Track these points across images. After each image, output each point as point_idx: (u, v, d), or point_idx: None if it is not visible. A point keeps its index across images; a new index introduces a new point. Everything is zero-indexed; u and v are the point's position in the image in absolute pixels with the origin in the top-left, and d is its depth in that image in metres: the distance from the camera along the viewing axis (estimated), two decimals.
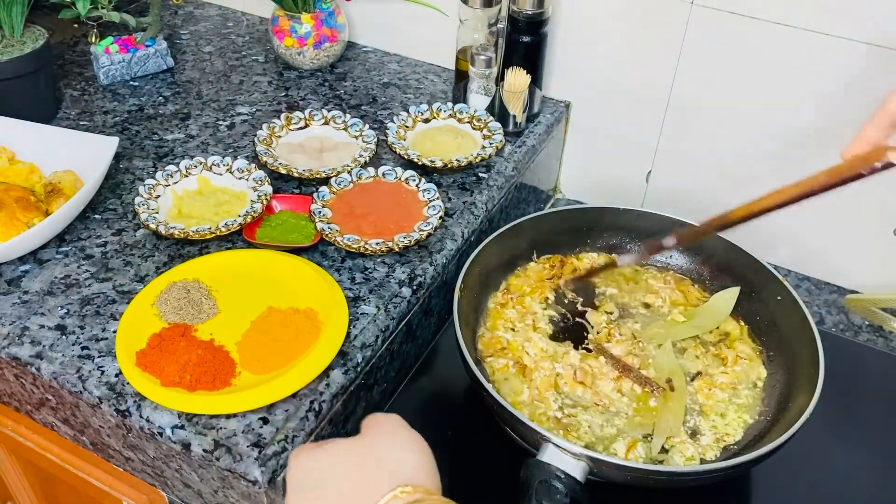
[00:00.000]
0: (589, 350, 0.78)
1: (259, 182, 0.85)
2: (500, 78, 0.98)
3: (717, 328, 0.81)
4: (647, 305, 0.84)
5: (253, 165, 0.87)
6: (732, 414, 0.73)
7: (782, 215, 0.96)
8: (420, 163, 0.89)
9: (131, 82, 1.08)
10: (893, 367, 0.86)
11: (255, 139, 0.92)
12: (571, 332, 0.81)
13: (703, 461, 0.69)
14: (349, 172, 0.87)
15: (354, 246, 0.77)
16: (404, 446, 0.51)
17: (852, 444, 0.76)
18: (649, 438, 0.70)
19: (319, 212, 0.81)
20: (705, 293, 0.85)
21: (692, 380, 0.76)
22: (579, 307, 0.84)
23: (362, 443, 0.50)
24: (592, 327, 0.81)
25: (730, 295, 0.82)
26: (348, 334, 0.71)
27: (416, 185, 0.86)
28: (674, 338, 0.79)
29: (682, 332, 0.80)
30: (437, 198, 0.84)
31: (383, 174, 0.87)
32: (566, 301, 0.84)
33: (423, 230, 0.79)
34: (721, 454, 0.70)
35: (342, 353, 0.70)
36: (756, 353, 0.78)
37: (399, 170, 0.87)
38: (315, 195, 0.83)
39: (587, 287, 0.86)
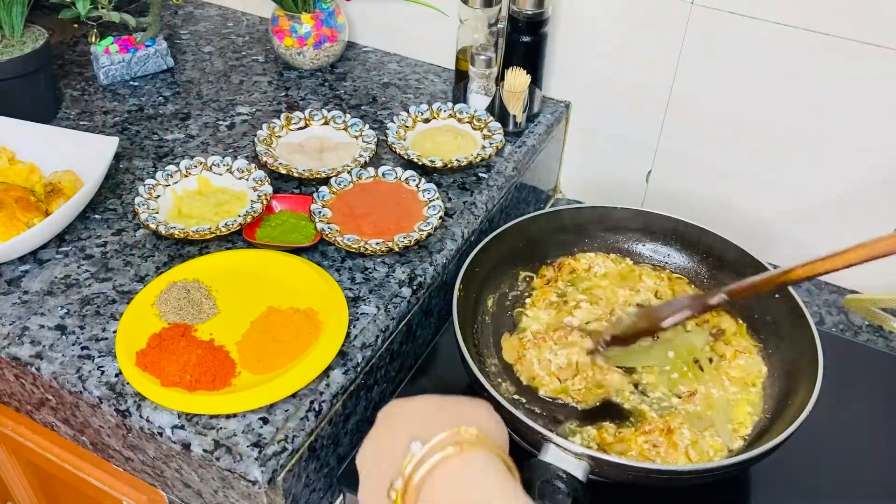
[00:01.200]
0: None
1: (259, 182, 0.85)
2: (500, 78, 0.98)
3: (709, 322, 0.81)
4: (639, 306, 0.84)
5: (253, 165, 0.87)
6: (746, 407, 0.73)
7: (782, 215, 0.97)
8: (420, 163, 0.89)
9: (131, 82, 1.08)
10: (893, 367, 0.86)
11: (255, 139, 0.92)
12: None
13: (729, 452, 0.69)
14: (349, 172, 0.87)
15: (354, 246, 0.77)
16: (479, 408, 0.51)
17: (852, 444, 0.76)
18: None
19: (319, 212, 0.81)
20: (701, 292, 0.85)
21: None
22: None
23: (445, 400, 0.51)
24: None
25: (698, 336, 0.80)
26: (348, 334, 0.71)
27: (416, 185, 0.86)
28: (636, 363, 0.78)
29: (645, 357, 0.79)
30: (437, 198, 0.84)
31: (383, 174, 0.87)
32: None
33: (422, 230, 0.79)
34: (738, 449, 0.70)
35: (342, 353, 0.70)
36: (755, 351, 0.78)
37: (399, 170, 0.87)
38: (315, 195, 0.83)
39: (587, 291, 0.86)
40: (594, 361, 0.76)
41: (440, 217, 0.81)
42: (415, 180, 0.86)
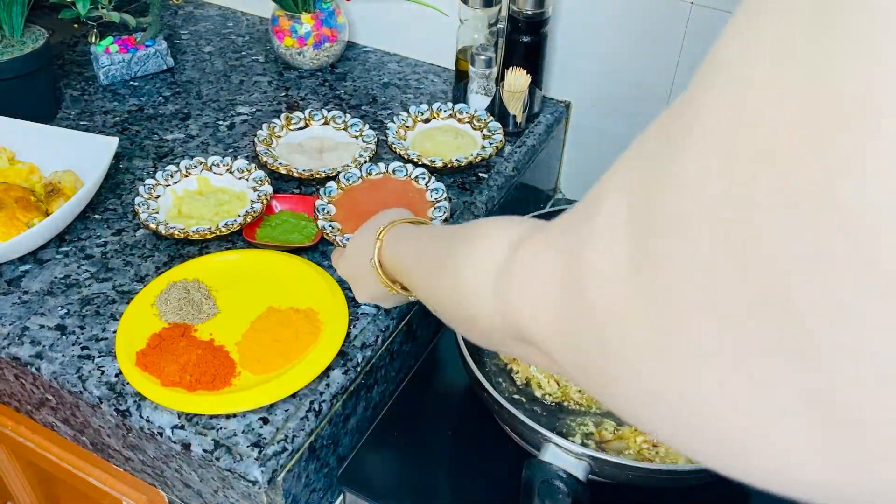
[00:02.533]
0: None
1: (259, 182, 0.85)
2: (500, 78, 0.98)
3: None
4: None
5: (253, 165, 0.87)
6: None
7: None
8: (420, 163, 0.89)
9: (131, 82, 1.08)
10: None
11: (255, 139, 0.92)
12: None
13: None
14: (359, 167, 0.87)
15: None
16: (382, 215, 0.66)
17: None
18: None
19: (324, 208, 0.81)
20: None
21: None
22: None
23: (358, 232, 0.68)
24: None
25: None
26: (348, 334, 0.71)
27: (425, 184, 0.85)
28: None
29: None
30: (445, 198, 0.83)
31: (393, 170, 0.87)
32: None
33: None
34: None
35: (342, 353, 0.70)
36: None
37: (409, 167, 0.87)
38: (322, 190, 0.83)
39: None
40: None
41: (444, 219, 0.81)
42: (424, 178, 0.86)
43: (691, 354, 0.24)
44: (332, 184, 0.84)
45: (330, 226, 0.79)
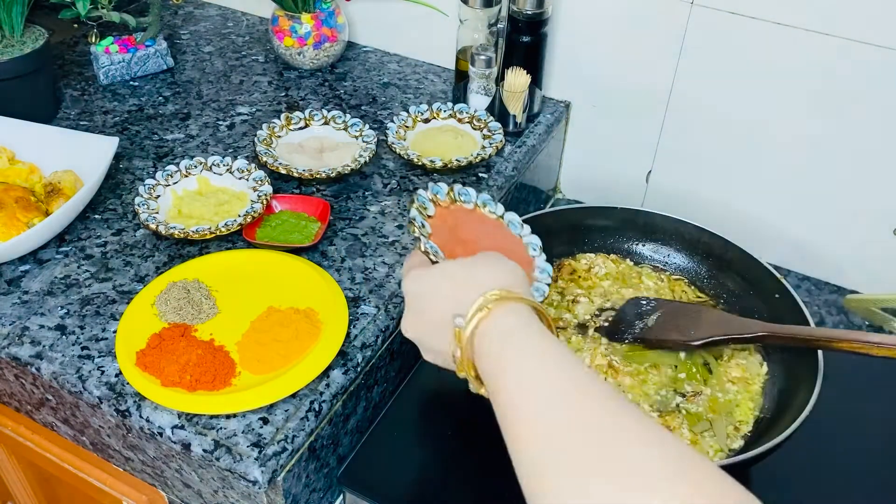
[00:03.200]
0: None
1: (259, 182, 0.85)
2: (500, 78, 0.98)
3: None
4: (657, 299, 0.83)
5: (253, 165, 0.87)
6: (748, 403, 0.73)
7: (783, 215, 0.97)
8: (420, 163, 0.89)
9: (131, 82, 1.08)
10: (893, 367, 0.86)
11: (255, 139, 0.92)
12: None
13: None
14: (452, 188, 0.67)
15: None
16: (496, 265, 0.54)
17: (851, 444, 0.76)
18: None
19: (422, 224, 0.63)
20: (701, 293, 0.85)
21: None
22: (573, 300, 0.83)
23: (458, 265, 0.55)
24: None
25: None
26: (348, 334, 0.71)
27: (519, 234, 0.68)
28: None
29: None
30: (543, 256, 0.67)
31: (483, 203, 0.68)
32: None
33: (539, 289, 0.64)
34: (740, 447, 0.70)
35: (342, 353, 0.70)
36: (755, 350, 0.78)
37: (500, 206, 0.68)
38: (418, 199, 0.65)
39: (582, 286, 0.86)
40: (611, 363, 0.76)
41: (548, 284, 0.65)
42: (515, 227, 0.68)
43: None
44: (426, 198, 0.65)
45: (433, 249, 0.61)
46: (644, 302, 0.81)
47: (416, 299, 0.57)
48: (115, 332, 0.71)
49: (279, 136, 0.94)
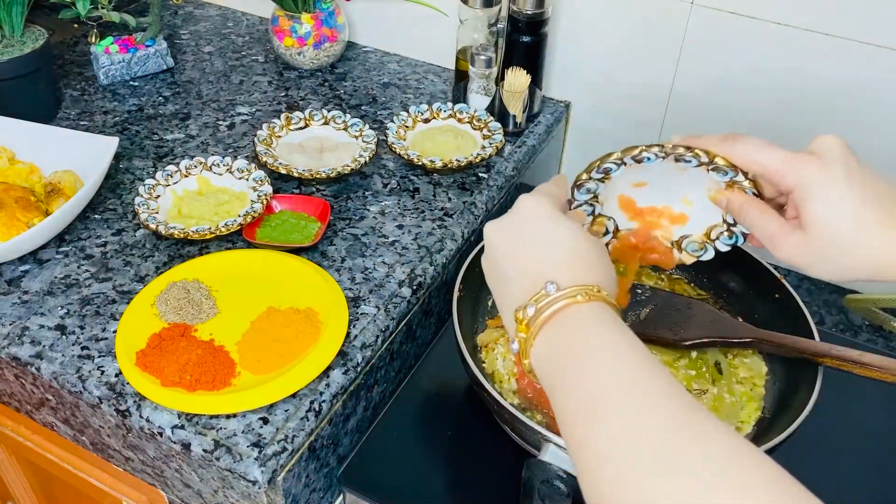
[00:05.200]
0: None
1: (259, 182, 0.85)
2: (500, 78, 0.98)
3: None
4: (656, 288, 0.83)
5: (253, 165, 0.87)
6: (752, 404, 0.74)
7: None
8: (420, 163, 0.89)
9: (131, 82, 1.08)
10: None
11: (255, 139, 0.92)
12: None
13: None
14: None
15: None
16: (596, 255, 0.51)
17: (851, 444, 0.76)
18: None
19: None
20: (701, 292, 0.85)
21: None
22: None
23: (568, 237, 0.51)
24: None
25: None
26: (348, 334, 0.71)
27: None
28: None
29: None
30: None
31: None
32: None
33: None
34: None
35: (342, 353, 0.70)
36: (756, 351, 0.78)
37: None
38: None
39: None
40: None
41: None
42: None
43: None
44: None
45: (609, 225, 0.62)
46: (640, 290, 0.81)
47: (491, 269, 0.54)
48: (115, 332, 0.71)
49: (279, 136, 0.94)
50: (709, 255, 0.63)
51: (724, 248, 0.63)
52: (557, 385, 0.45)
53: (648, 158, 0.58)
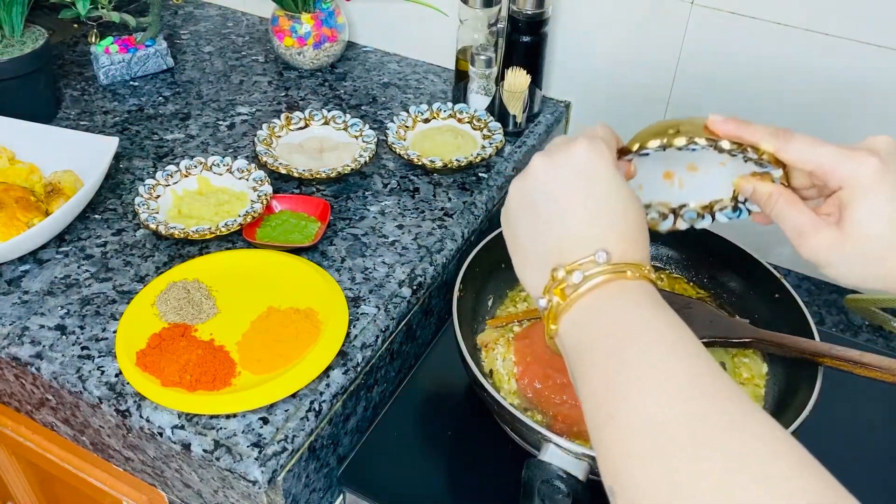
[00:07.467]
0: None
1: (259, 182, 0.85)
2: (500, 78, 0.98)
3: None
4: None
5: (253, 165, 0.87)
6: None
7: None
8: (420, 163, 0.89)
9: (131, 82, 1.08)
10: None
11: (255, 139, 0.92)
12: None
13: None
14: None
15: None
16: (642, 228, 0.48)
17: (851, 444, 0.76)
18: None
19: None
20: (701, 291, 0.85)
21: None
22: None
23: (620, 202, 0.47)
24: None
25: None
26: (348, 334, 0.71)
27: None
28: None
29: None
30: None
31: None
32: None
33: None
34: None
35: (342, 353, 0.70)
36: (756, 351, 0.78)
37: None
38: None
39: None
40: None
41: None
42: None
43: None
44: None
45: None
46: None
47: (546, 195, 0.48)
48: (115, 332, 0.71)
49: (279, 136, 0.94)
50: (705, 223, 0.61)
51: (723, 220, 0.60)
52: (587, 357, 0.43)
53: (693, 149, 0.56)
